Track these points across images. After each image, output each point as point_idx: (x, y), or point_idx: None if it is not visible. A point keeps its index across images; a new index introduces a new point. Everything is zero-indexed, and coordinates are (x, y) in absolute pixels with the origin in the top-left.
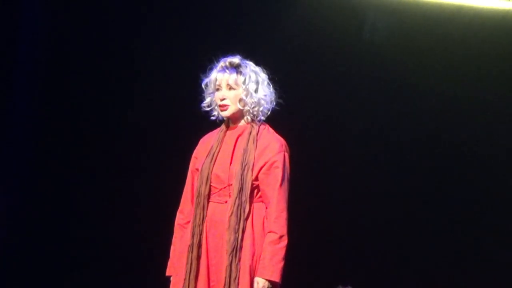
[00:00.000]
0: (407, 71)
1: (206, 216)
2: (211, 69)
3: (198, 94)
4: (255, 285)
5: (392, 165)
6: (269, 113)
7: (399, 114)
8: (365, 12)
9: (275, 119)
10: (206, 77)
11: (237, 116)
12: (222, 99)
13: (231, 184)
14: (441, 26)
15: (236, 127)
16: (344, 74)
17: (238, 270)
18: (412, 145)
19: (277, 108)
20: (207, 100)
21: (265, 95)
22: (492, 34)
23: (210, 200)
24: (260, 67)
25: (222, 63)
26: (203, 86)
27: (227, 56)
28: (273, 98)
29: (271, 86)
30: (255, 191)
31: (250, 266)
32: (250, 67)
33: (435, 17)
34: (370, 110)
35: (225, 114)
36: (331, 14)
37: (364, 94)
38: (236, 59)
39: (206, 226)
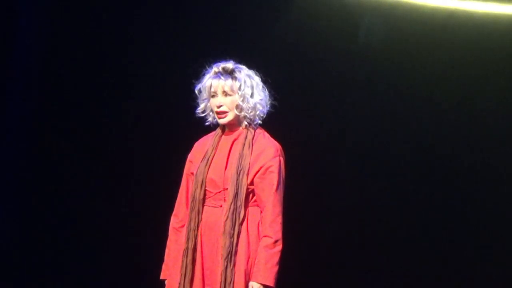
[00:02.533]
0: (403, 75)
1: (201, 220)
2: (204, 74)
3: (193, 98)
4: None
5: (388, 168)
6: (264, 116)
7: (394, 118)
8: (360, 16)
9: (269, 122)
10: (199, 83)
11: (234, 122)
12: (219, 106)
13: (226, 189)
14: (436, 30)
15: (231, 131)
16: (339, 77)
17: (233, 275)
18: (407, 149)
19: (271, 110)
20: (201, 106)
21: (261, 99)
22: (486, 38)
23: (205, 204)
24: (253, 71)
25: (215, 69)
26: (196, 92)
27: (219, 62)
28: (268, 101)
29: (266, 89)
30: (250, 195)
31: (245, 271)
32: (244, 72)
33: (430, 21)
34: (365, 113)
35: (223, 121)
36: (327, 17)
37: (359, 98)
38: (229, 65)
39: (201, 230)
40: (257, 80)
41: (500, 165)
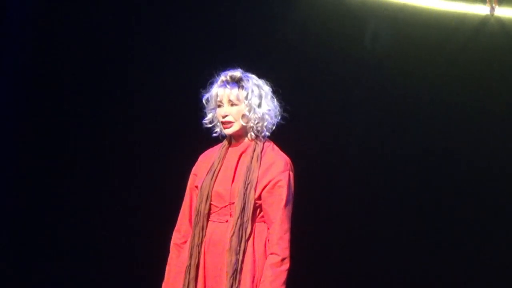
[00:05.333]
0: (409, 80)
1: (205, 236)
2: (212, 83)
3: (198, 108)
4: None
5: (394, 175)
6: (273, 128)
7: (402, 123)
8: (366, 21)
9: (275, 133)
10: (207, 92)
11: (241, 133)
12: (225, 116)
13: (233, 203)
14: (443, 35)
15: (239, 143)
16: (345, 83)
17: None
18: (414, 154)
19: (282, 122)
20: (209, 116)
21: (269, 110)
22: (496, 43)
23: (209, 219)
24: (263, 80)
25: (223, 77)
26: (203, 101)
27: (228, 70)
28: (277, 112)
29: (275, 99)
30: (258, 210)
31: None
32: (253, 81)
33: (437, 26)
34: (373, 119)
35: (228, 131)
36: (333, 23)
37: (366, 103)
38: (237, 73)
39: (204, 247)
40: (266, 89)
41: (504, 166)
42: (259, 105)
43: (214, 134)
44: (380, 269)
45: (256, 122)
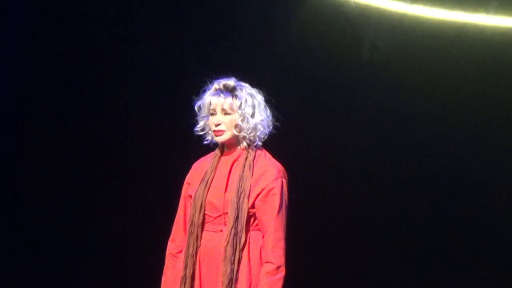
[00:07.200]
0: (407, 91)
1: (199, 246)
2: (204, 91)
3: (190, 117)
4: None
5: (392, 188)
6: (266, 137)
7: (399, 135)
8: (364, 30)
9: (270, 143)
10: (199, 99)
11: (233, 141)
12: (217, 124)
13: (227, 213)
14: (442, 44)
15: (231, 152)
16: (343, 93)
17: None
18: (412, 166)
19: (274, 131)
20: (201, 124)
21: (262, 120)
22: (495, 53)
23: (204, 229)
24: (256, 89)
25: (216, 85)
26: (196, 109)
27: (221, 78)
28: (270, 122)
29: (268, 109)
30: (252, 219)
31: None
32: (246, 90)
33: (436, 35)
34: (369, 128)
35: (221, 139)
36: (330, 33)
37: (364, 114)
38: (231, 82)
39: (199, 257)
40: (259, 99)
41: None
42: (252, 115)
43: (205, 142)
44: (376, 280)
45: (249, 131)
